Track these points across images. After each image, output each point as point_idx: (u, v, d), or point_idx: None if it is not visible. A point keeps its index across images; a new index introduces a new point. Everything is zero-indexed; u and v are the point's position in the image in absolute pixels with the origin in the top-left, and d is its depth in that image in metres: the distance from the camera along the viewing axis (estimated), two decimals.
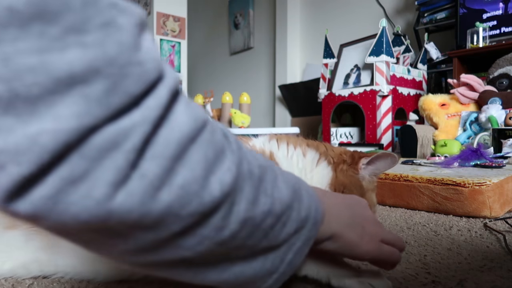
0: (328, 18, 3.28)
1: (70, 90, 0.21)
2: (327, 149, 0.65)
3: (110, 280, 0.52)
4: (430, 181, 0.97)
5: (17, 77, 0.20)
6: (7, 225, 0.51)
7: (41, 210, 0.22)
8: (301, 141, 0.65)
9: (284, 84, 3.40)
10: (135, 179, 0.24)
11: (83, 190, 0.22)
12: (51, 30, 0.21)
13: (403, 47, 2.35)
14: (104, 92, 0.22)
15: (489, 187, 0.89)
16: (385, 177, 1.07)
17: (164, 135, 0.25)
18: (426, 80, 2.35)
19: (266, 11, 3.83)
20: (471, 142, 1.62)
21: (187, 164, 0.26)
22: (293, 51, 3.56)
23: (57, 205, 0.22)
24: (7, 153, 0.20)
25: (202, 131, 0.27)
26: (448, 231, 0.78)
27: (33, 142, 0.20)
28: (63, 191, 0.22)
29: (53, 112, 0.21)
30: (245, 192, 0.30)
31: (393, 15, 2.80)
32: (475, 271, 0.54)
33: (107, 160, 0.22)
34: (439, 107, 1.89)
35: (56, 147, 0.21)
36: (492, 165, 1.16)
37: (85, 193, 0.22)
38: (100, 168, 0.22)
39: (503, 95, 1.70)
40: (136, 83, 0.23)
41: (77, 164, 0.22)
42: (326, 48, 2.47)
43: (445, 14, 2.28)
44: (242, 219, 0.30)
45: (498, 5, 2.03)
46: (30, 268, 0.52)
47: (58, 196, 0.22)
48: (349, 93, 2.27)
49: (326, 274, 0.47)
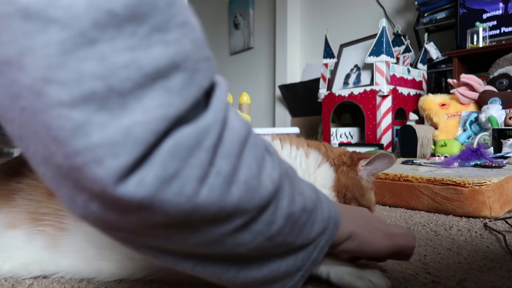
0: (328, 18, 3.28)
1: (154, 83, 0.23)
2: (327, 150, 0.66)
3: (111, 280, 0.52)
4: (430, 181, 0.97)
5: (113, 73, 0.22)
6: (7, 225, 0.51)
7: (147, 196, 0.23)
8: (302, 141, 0.66)
9: (284, 84, 3.39)
10: (213, 176, 0.26)
11: (175, 187, 0.24)
12: (140, 30, 0.23)
13: (403, 47, 2.35)
14: (182, 84, 0.24)
15: (489, 187, 0.89)
16: (385, 177, 1.07)
17: (228, 136, 0.27)
18: (426, 80, 2.35)
19: (266, 11, 3.83)
20: (471, 142, 1.62)
21: (245, 163, 0.28)
22: (293, 51, 3.56)
23: (158, 193, 0.24)
24: (105, 146, 0.22)
25: (250, 135, 0.30)
26: (448, 231, 0.78)
27: (127, 134, 0.22)
28: (160, 188, 0.24)
29: (141, 105, 0.22)
30: (286, 189, 0.33)
31: (393, 15, 2.80)
32: (475, 271, 0.54)
33: (194, 158, 0.25)
34: (439, 107, 1.89)
35: (149, 137, 0.23)
36: (492, 165, 1.16)
37: (178, 190, 0.24)
38: (188, 165, 0.24)
39: (503, 95, 1.70)
40: (205, 77, 0.26)
41: (170, 162, 0.24)
42: (326, 48, 2.47)
43: (445, 14, 2.28)
44: (286, 214, 0.32)
45: (498, 5, 2.03)
46: (31, 268, 0.52)
47: (158, 189, 0.23)
48: (349, 93, 2.27)
49: (326, 270, 0.48)
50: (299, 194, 0.34)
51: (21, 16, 0.20)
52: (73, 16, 0.21)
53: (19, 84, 0.22)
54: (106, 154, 0.22)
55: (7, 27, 0.21)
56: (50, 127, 0.22)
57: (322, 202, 0.38)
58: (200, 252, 0.31)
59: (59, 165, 0.23)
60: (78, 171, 0.22)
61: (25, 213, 0.51)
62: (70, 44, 0.21)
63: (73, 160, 0.22)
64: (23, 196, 0.52)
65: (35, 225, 0.51)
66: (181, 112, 0.24)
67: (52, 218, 0.51)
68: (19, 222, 0.51)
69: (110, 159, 0.22)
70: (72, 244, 0.50)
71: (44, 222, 0.51)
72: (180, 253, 0.30)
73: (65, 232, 0.50)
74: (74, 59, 0.21)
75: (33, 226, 0.51)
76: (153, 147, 0.23)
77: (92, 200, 0.24)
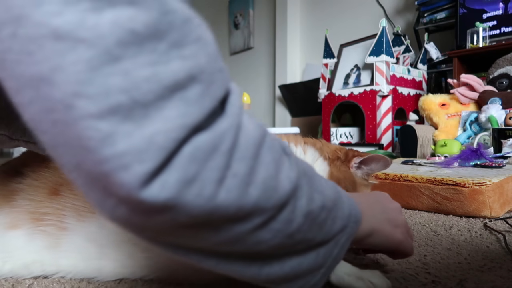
0: (328, 18, 3.28)
1: (173, 95, 0.25)
2: (323, 145, 0.69)
3: (111, 279, 0.52)
4: (430, 181, 0.97)
5: (136, 87, 0.24)
6: (8, 225, 0.51)
7: (170, 198, 0.25)
8: (300, 139, 0.68)
9: (284, 84, 3.39)
10: (230, 178, 0.28)
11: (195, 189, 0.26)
12: (160, 46, 0.25)
13: (403, 47, 2.35)
14: (199, 95, 0.26)
15: (489, 187, 0.89)
16: (385, 177, 1.07)
17: (243, 139, 0.29)
18: (426, 80, 2.35)
19: (266, 11, 3.83)
20: (471, 142, 1.62)
21: (263, 164, 0.30)
22: (293, 51, 3.56)
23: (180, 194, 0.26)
24: (130, 154, 0.24)
25: (265, 137, 0.32)
26: (448, 231, 0.78)
27: (150, 142, 0.24)
28: (181, 190, 0.26)
29: (162, 115, 0.25)
30: (304, 188, 0.34)
31: (393, 15, 2.80)
32: (475, 271, 0.54)
33: (211, 162, 0.27)
34: (439, 107, 1.89)
35: (170, 144, 0.25)
36: (492, 165, 1.16)
37: (198, 192, 0.26)
38: (206, 168, 0.26)
39: (503, 95, 1.71)
40: (220, 88, 0.28)
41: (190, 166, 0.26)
42: (326, 48, 2.47)
43: (445, 14, 2.28)
44: (305, 212, 0.34)
45: (498, 5, 2.03)
46: (31, 268, 0.52)
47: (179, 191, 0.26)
48: (349, 93, 2.27)
49: None
50: (318, 193, 0.36)
51: (53, 37, 0.23)
52: (99, 35, 0.23)
53: (51, 98, 0.24)
54: (131, 161, 0.24)
55: (40, 47, 0.23)
56: (81, 137, 0.24)
57: (343, 200, 0.40)
58: (223, 250, 0.32)
59: (89, 172, 0.25)
60: (106, 177, 0.25)
61: (26, 213, 0.51)
62: (97, 61, 0.23)
63: (101, 167, 0.24)
64: (24, 196, 0.52)
65: (36, 225, 0.51)
66: (199, 121, 0.26)
67: (54, 218, 0.51)
68: (20, 222, 0.51)
69: (135, 165, 0.24)
70: (73, 244, 0.50)
71: (45, 222, 0.51)
72: (205, 251, 0.32)
73: (66, 232, 0.51)
74: (101, 75, 0.23)
75: (34, 226, 0.51)
76: (174, 153, 0.25)
77: (120, 204, 0.26)
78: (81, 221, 0.50)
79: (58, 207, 0.51)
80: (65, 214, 0.51)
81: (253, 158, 0.29)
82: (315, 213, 0.35)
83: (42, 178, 0.53)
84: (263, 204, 0.30)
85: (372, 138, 2.15)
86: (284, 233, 0.33)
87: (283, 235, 0.33)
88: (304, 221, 0.34)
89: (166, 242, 0.31)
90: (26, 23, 0.23)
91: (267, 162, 0.31)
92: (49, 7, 0.23)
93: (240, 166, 0.28)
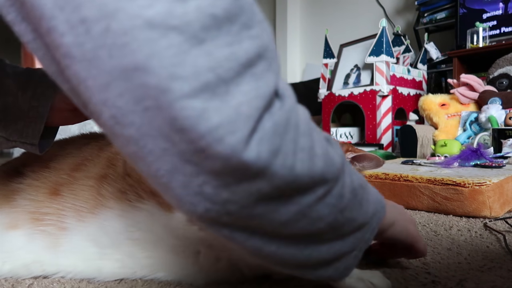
0: (328, 18, 3.28)
1: (246, 71, 0.28)
2: None
3: (111, 279, 0.52)
4: (430, 181, 0.97)
5: (219, 65, 0.26)
6: (8, 225, 0.51)
7: (265, 163, 0.28)
8: None
9: None
10: (300, 151, 0.31)
11: (281, 160, 0.29)
12: (233, 28, 0.27)
13: (403, 47, 2.35)
14: (265, 71, 0.29)
15: (489, 187, 0.89)
16: (385, 177, 1.07)
17: (302, 117, 0.32)
18: (426, 80, 2.35)
19: (266, 11, 3.83)
20: (471, 142, 1.62)
21: (316, 140, 0.33)
22: (293, 51, 3.56)
23: (271, 162, 0.28)
24: (223, 126, 0.26)
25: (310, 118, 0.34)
26: (448, 231, 0.78)
27: (237, 113, 0.27)
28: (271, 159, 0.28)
29: (240, 90, 0.27)
30: (347, 166, 0.38)
31: (393, 15, 2.80)
32: (475, 271, 0.54)
33: (287, 135, 0.30)
34: (439, 107, 1.89)
35: (254, 112, 0.27)
36: (492, 165, 1.16)
37: (282, 162, 0.29)
38: (285, 141, 0.29)
39: (503, 95, 1.71)
40: (277, 65, 0.31)
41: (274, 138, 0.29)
42: (326, 48, 2.47)
43: (445, 14, 2.28)
44: (351, 188, 0.37)
45: (498, 5, 2.03)
46: (31, 268, 0.52)
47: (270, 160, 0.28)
48: (349, 93, 2.27)
49: None
50: (354, 173, 0.39)
51: (146, 27, 0.25)
52: (187, 22, 0.25)
53: (146, 85, 0.26)
54: (225, 133, 0.26)
55: (135, 37, 0.25)
56: (176, 118, 0.26)
57: (369, 186, 0.42)
58: (286, 232, 0.34)
59: (182, 152, 0.27)
60: (202, 152, 0.27)
61: (26, 213, 0.51)
62: (187, 45, 0.26)
63: (199, 143, 0.26)
64: (24, 196, 0.52)
65: (36, 225, 0.51)
66: (268, 93, 0.29)
67: (54, 218, 0.51)
68: (20, 222, 0.51)
69: (229, 136, 0.26)
70: (73, 244, 0.50)
71: (45, 222, 0.51)
72: (269, 234, 0.34)
73: (66, 232, 0.51)
74: (190, 56, 0.26)
75: (34, 226, 0.51)
76: (258, 122, 0.28)
77: (208, 181, 0.28)
78: (81, 221, 0.50)
79: (58, 207, 0.51)
80: (65, 214, 0.51)
81: (310, 134, 0.32)
82: (357, 191, 0.38)
83: (42, 178, 0.53)
84: (326, 175, 0.33)
85: (372, 138, 2.15)
86: (338, 208, 0.35)
87: (337, 210, 0.35)
88: (350, 197, 0.37)
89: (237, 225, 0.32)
90: (120, 17, 0.25)
91: (318, 139, 0.33)
92: (141, 0, 0.25)
93: (305, 140, 0.31)
